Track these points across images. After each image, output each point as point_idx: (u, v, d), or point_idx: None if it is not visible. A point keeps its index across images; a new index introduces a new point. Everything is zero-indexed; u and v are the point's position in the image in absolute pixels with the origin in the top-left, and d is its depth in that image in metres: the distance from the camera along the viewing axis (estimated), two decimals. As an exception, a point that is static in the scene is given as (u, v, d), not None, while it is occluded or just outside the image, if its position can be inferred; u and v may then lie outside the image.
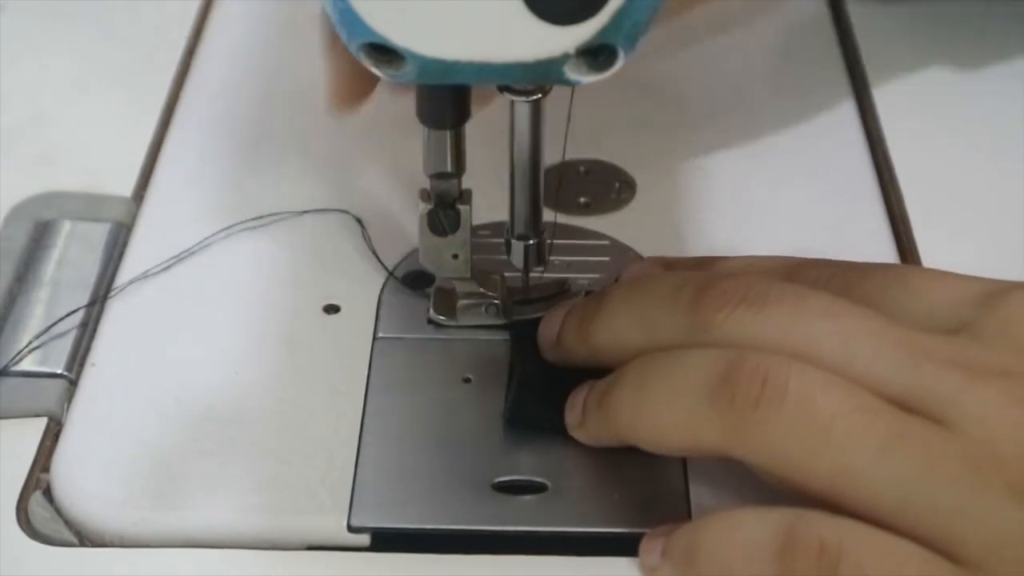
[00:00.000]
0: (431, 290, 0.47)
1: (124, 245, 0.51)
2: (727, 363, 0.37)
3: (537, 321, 0.45)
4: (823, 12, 0.63)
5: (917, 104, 0.55)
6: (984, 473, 0.35)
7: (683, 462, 0.42)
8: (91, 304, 0.48)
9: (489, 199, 0.45)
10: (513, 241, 0.45)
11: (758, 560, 0.36)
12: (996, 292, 0.39)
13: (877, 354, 0.37)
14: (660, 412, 0.38)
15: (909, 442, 0.35)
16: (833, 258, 0.48)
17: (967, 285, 0.40)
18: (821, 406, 0.36)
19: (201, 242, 0.50)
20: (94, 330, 0.47)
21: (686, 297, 0.40)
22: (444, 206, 0.43)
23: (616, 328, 0.41)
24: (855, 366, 0.37)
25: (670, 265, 0.45)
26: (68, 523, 0.42)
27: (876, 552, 0.35)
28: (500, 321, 0.46)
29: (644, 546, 0.40)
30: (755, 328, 0.38)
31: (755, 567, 0.36)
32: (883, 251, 0.50)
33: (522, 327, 0.45)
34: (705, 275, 0.41)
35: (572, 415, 0.42)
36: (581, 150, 0.53)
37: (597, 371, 0.42)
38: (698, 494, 0.41)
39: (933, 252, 0.50)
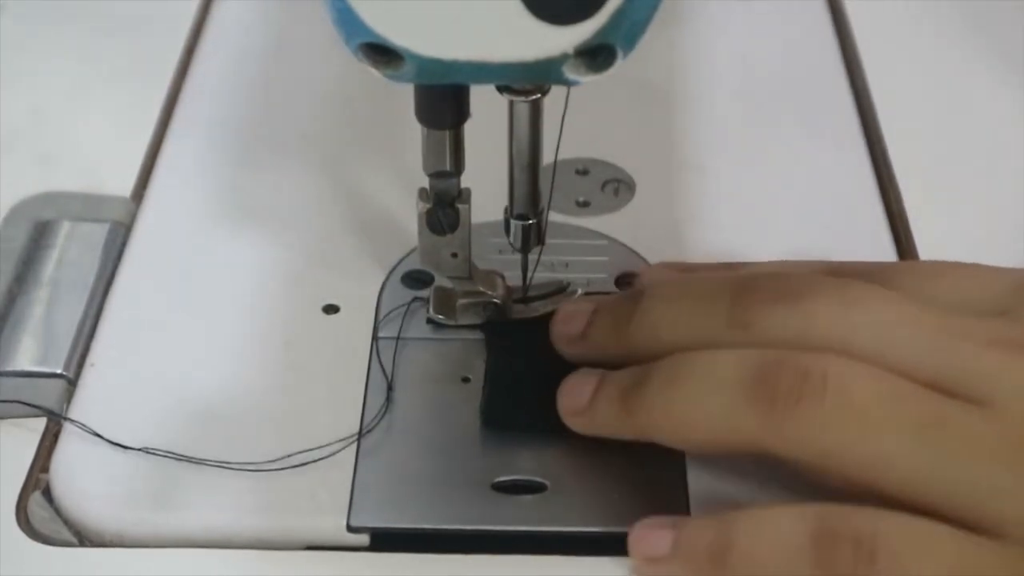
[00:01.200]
0: (430, 290, 0.47)
1: (123, 245, 0.51)
2: (764, 361, 0.38)
3: (514, 323, 0.45)
4: (822, 11, 0.63)
5: (916, 103, 0.55)
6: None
7: (682, 462, 0.42)
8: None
9: (488, 198, 0.45)
10: (512, 221, 0.45)
11: (794, 557, 0.36)
12: None
13: (914, 340, 0.37)
14: (693, 409, 0.38)
15: (946, 425, 0.36)
16: (833, 258, 0.49)
17: (1001, 275, 0.40)
18: (857, 395, 0.36)
19: (200, 242, 0.50)
20: (93, 329, 0.47)
21: (726, 296, 0.40)
22: (443, 205, 0.43)
23: (655, 326, 0.41)
24: (892, 354, 0.37)
25: (689, 271, 0.46)
26: (67, 523, 0.42)
27: (912, 538, 0.36)
28: (500, 321, 0.46)
29: (641, 535, 0.39)
30: (793, 323, 0.39)
31: (791, 564, 0.36)
32: (882, 250, 0.50)
33: (495, 327, 0.46)
34: (743, 275, 0.42)
35: (572, 401, 0.42)
36: (580, 150, 0.53)
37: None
38: (697, 493, 0.41)
39: (932, 251, 0.50)
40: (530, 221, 0.45)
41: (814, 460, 0.37)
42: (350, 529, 0.41)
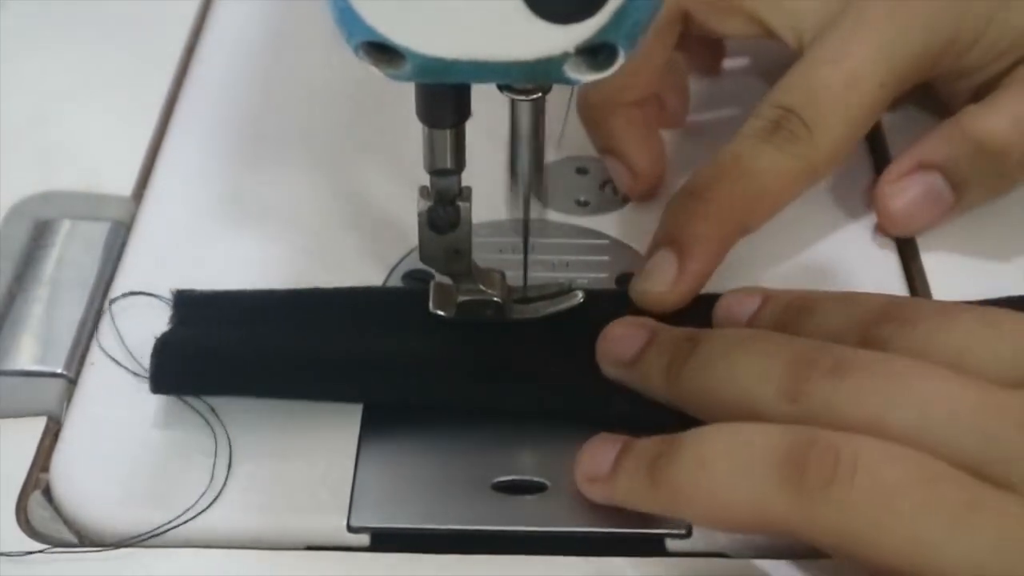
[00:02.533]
0: (431, 285, 0.47)
1: (123, 244, 0.51)
2: (795, 442, 0.37)
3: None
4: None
5: (918, 102, 0.55)
6: None
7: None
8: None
9: (489, 197, 0.45)
10: (512, 243, 0.45)
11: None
12: None
13: (951, 422, 0.36)
14: (723, 490, 0.37)
15: (982, 512, 0.35)
16: (833, 259, 0.49)
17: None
18: (889, 479, 0.35)
19: (201, 241, 0.50)
20: (93, 329, 0.47)
21: (780, 364, 0.39)
22: (444, 203, 0.43)
23: (707, 380, 0.41)
24: (930, 435, 0.36)
25: (767, 299, 0.45)
26: (68, 523, 0.42)
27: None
28: (500, 319, 0.46)
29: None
30: (837, 399, 0.38)
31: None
32: (883, 250, 0.50)
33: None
34: (798, 343, 0.40)
35: (592, 468, 0.41)
36: (581, 148, 0.53)
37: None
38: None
39: (934, 252, 0.50)
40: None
41: (845, 545, 0.36)
42: (350, 529, 0.41)
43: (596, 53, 0.36)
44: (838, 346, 0.40)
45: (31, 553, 0.40)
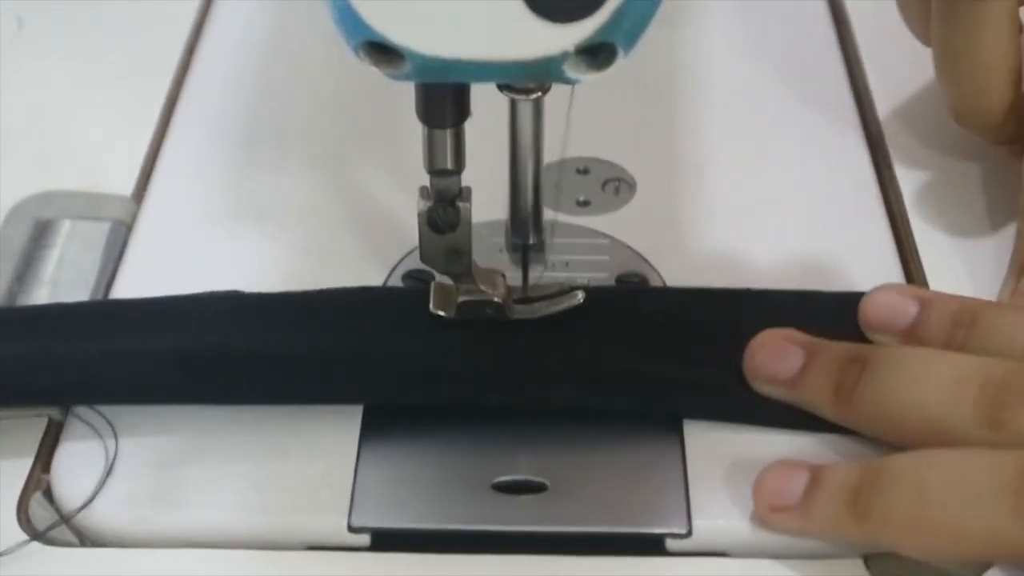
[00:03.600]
0: (431, 285, 0.47)
1: (124, 244, 0.51)
2: (1022, 468, 0.36)
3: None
4: (823, 10, 0.63)
5: (917, 102, 0.55)
6: None
7: (682, 461, 0.42)
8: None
9: (489, 197, 0.45)
10: (513, 239, 0.45)
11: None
12: None
13: None
14: (951, 520, 0.37)
15: None
16: (832, 259, 0.49)
17: None
18: None
19: (201, 241, 0.50)
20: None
21: (972, 387, 0.39)
22: (444, 204, 0.43)
23: (889, 405, 0.40)
24: None
25: (926, 302, 0.43)
26: (68, 523, 0.42)
27: None
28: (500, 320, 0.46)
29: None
30: None
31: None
32: (882, 250, 0.50)
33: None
34: (986, 365, 0.39)
35: (778, 498, 0.40)
36: (581, 149, 0.53)
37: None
38: (697, 494, 0.41)
39: (931, 251, 0.50)
40: (531, 242, 0.45)
41: None
42: (351, 529, 0.41)
43: (595, 53, 0.36)
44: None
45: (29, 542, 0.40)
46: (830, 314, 0.45)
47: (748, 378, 0.43)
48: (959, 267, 0.49)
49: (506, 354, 0.44)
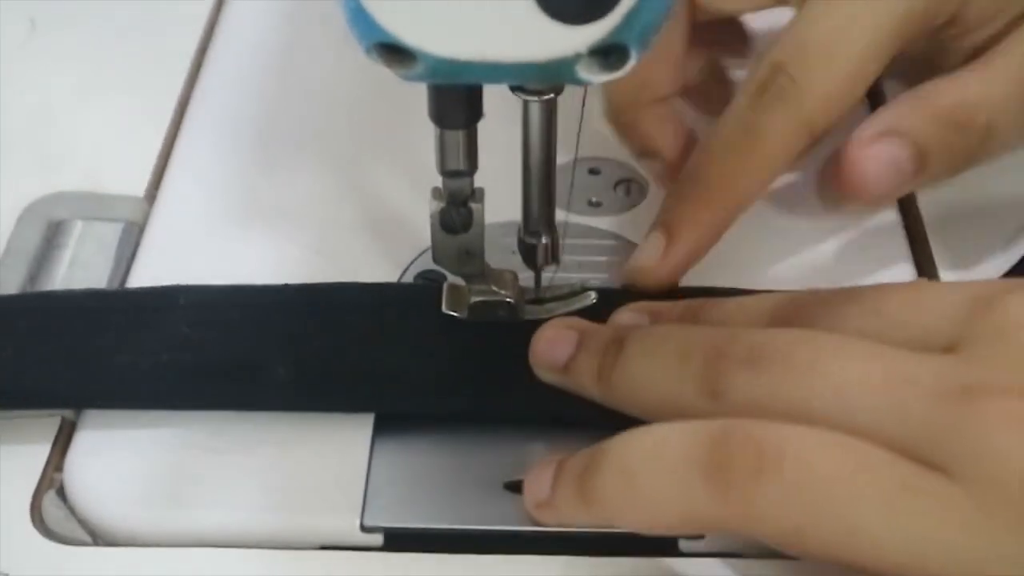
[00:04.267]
0: (443, 287, 0.47)
1: (136, 245, 0.51)
2: (715, 437, 0.36)
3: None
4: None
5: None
6: (995, 514, 0.33)
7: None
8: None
9: (501, 197, 0.45)
10: (526, 240, 0.45)
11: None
12: (981, 300, 0.37)
13: (869, 405, 0.35)
14: (651, 496, 0.37)
15: (914, 494, 0.34)
16: (845, 256, 0.48)
17: (946, 299, 0.38)
18: (820, 469, 0.35)
19: (213, 241, 0.50)
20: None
21: (699, 358, 0.39)
22: (456, 204, 0.43)
23: (633, 382, 0.41)
24: (851, 419, 0.35)
25: (657, 313, 0.44)
26: (82, 522, 0.42)
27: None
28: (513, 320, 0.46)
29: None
30: (758, 391, 0.37)
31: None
32: (894, 245, 0.50)
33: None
34: (710, 335, 0.40)
35: (534, 494, 0.40)
36: (593, 149, 0.53)
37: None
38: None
39: (943, 238, 0.50)
40: (544, 241, 0.45)
41: (782, 538, 0.35)
42: (364, 529, 0.41)
43: (608, 54, 0.36)
44: (750, 331, 0.39)
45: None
46: None
47: (532, 367, 0.43)
48: (972, 264, 0.49)
49: (518, 359, 0.44)
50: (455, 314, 0.46)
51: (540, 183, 0.44)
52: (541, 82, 0.40)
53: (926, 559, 0.34)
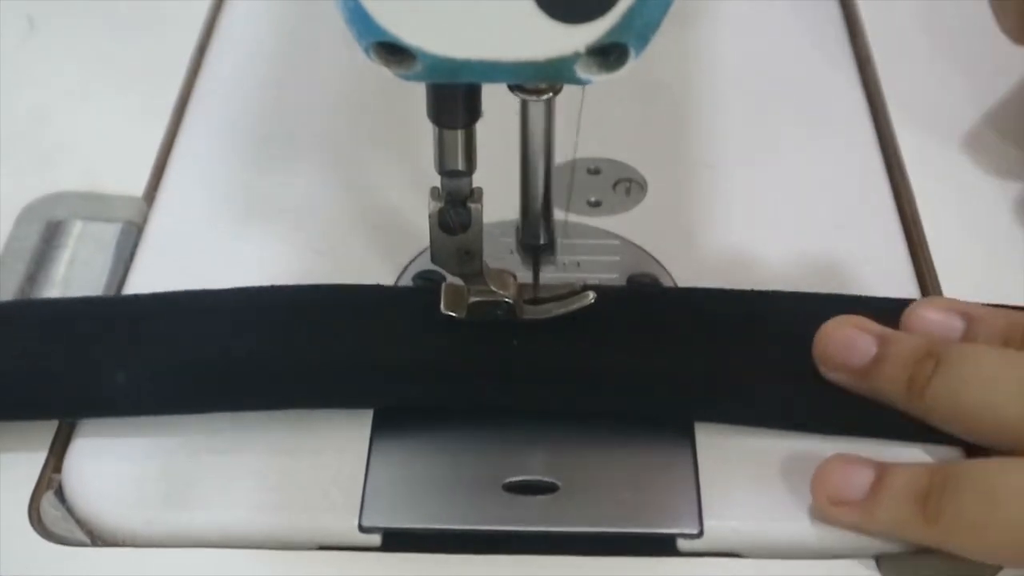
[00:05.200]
0: (442, 287, 0.47)
1: (135, 245, 0.51)
2: None
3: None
4: (834, 9, 0.62)
5: (928, 101, 0.55)
6: None
7: (693, 461, 0.42)
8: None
9: (500, 197, 0.45)
10: (524, 240, 0.45)
11: None
12: None
13: None
14: (1021, 528, 0.37)
15: None
16: (846, 259, 0.48)
17: None
18: None
19: (212, 241, 0.50)
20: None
21: None
22: (455, 204, 0.43)
23: (961, 403, 0.41)
24: None
25: (974, 319, 0.43)
26: (80, 523, 0.42)
27: None
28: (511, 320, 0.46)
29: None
30: None
31: None
32: (894, 249, 0.50)
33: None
34: None
35: (841, 491, 0.40)
36: (592, 149, 0.53)
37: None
38: (709, 495, 0.41)
39: (942, 249, 0.50)
40: (542, 243, 0.45)
41: None
42: (362, 529, 0.41)
43: (607, 53, 0.36)
44: None
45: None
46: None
47: (818, 364, 0.43)
48: (972, 267, 0.49)
49: (517, 356, 0.44)
50: (453, 314, 0.46)
51: (539, 183, 0.44)
52: (540, 81, 0.40)
53: None
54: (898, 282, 0.48)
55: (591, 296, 0.46)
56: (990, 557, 0.38)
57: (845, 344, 0.43)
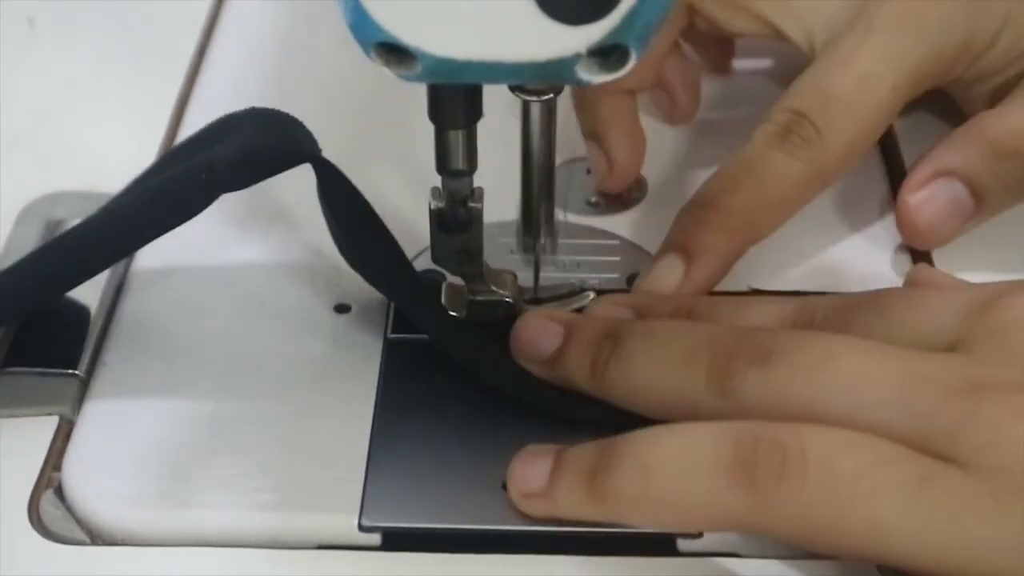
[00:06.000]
0: (442, 286, 0.47)
1: (135, 244, 0.51)
2: (740, 440, 0.37)
3: None
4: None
5: (930, 102, 0.55)
6: (1007, 502, 0.35)
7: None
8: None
9: (500, 197, 0.45)
10: (525, 240, 0.45)
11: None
12: (981, 301, 0.39)
13: (883, 403, 0.37)
14: (671, 497, 0.37)
15: (932, 485, 0.35)
16: (844, 259, 0.48)
17: (949, 301, 0.40)
18: (843, 467, 0.36)
19: (211, 240, 0.50)
20: (106, 328, 0.47)
21: (705, 356, 0.39)
22: (455, 204, 0.43)
23: (633, 379, 0.41)
24: (863, 415, 0.37)
25: (643, 308, 0.45)
26: (79, 522, 0.42)
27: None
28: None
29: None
30: (768, 389, 0.38)
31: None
32: (893, 251, 0.50)
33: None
34: (717, 334, 0.40)
35: (525, 484, 0.40)
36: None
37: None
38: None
39: (944, 249, 0.50)
40: (542, 242, 0.45)
41: (806, 536, 0.36)
42: (362, 528, 0.41)
43: (608, 54, 0.36)
44: (759, 330, 0.40)
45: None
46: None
47: (514, 357, 0.44)
48: (972, 267, 0.49)
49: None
50: (454, 314, 0.46)
51: (540, 183, 0.44)
52: (541, 82, 0.40)
53: (946, 549, 0.35)
54: (898, 282, 0.48)
55: (591, 296, 0.46)
56: (655, 528, 0.39)
57: (534, 334, 0.43)
